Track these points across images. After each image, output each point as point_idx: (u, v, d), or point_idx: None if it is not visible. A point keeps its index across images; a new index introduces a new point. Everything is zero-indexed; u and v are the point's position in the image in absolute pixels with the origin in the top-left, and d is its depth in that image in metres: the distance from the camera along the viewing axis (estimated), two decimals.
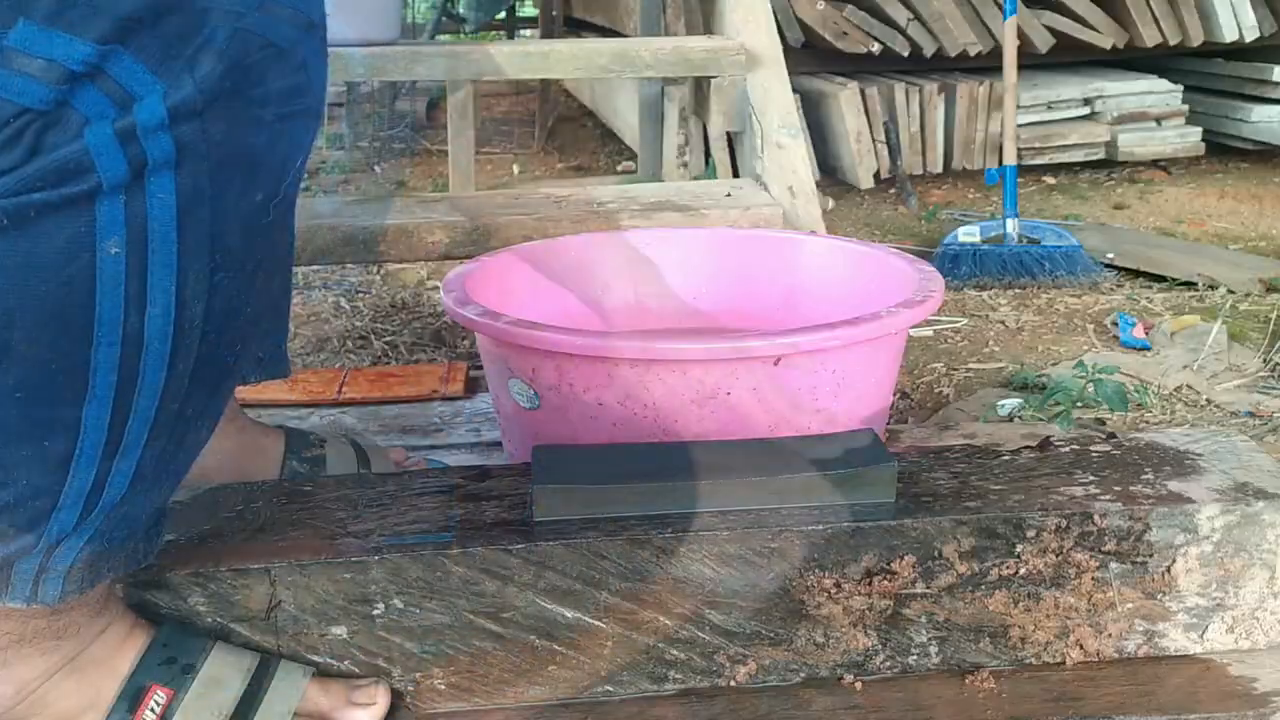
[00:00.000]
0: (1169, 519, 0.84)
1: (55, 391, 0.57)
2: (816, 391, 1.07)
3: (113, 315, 0.55)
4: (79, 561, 0.66)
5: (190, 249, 0.55)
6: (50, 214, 0.51)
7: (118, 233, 0.53)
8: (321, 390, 1.45)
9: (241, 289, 0.61)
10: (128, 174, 0.52)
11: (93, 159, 0.51)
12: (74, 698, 0.73)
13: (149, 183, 0.53)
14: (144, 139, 0.51)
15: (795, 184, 1.76)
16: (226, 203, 0.56)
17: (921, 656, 0.85)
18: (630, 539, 0.81)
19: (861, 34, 3.09)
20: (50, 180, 0.51)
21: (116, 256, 0.53)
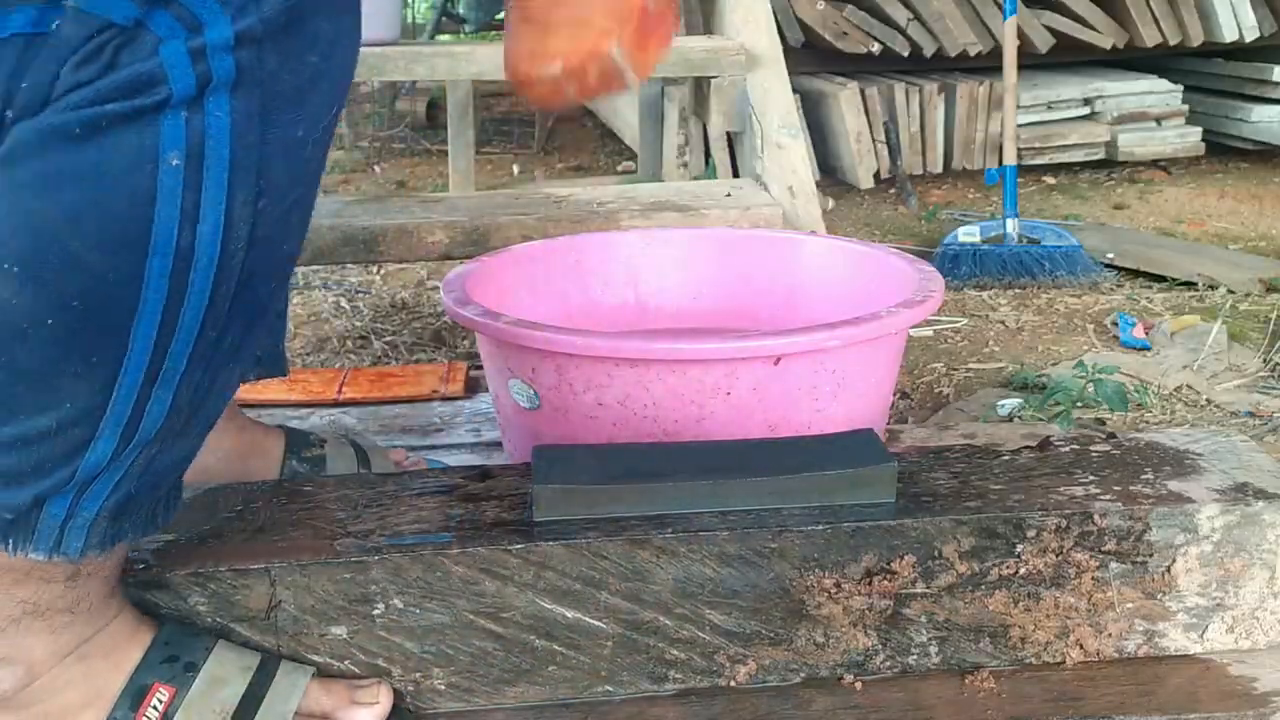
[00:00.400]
0: (1169, 519, 0.84)
1: (110, 302, 0.60)
2: (816, 391, 1.07)
3: (168, 227, 0.58)
4: (104, 510, 0.67)
5: (240, 169, 0.59)
6: (120, 125, 0.55)
7: (178, 146, 0.57)
8: (321, 390, 1.45)
9: (279, 222, 0.64)
10: (194, 89, 0.56)
11: (166, 72, 0.55)
12: (79, 688, 0.73)
13: (208, 102, 0.57)
14: (211, 58, 0.56)
15: (795, 184, 1.76)
16: (273, 132, 0.60)
17: (921, 656, 0.85)
18: (630, 539, 0.81)
19: (861, 34, 3.09)
20: (124, 92, 0.55)
21: (176, 169, 0.57)
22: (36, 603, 0.70)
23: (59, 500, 0.65)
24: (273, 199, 0.62)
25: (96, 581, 0.72)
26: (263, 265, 0.64)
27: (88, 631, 0.73)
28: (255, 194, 0.61)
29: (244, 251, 0.62)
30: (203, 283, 0.61)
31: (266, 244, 0.64)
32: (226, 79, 0.57)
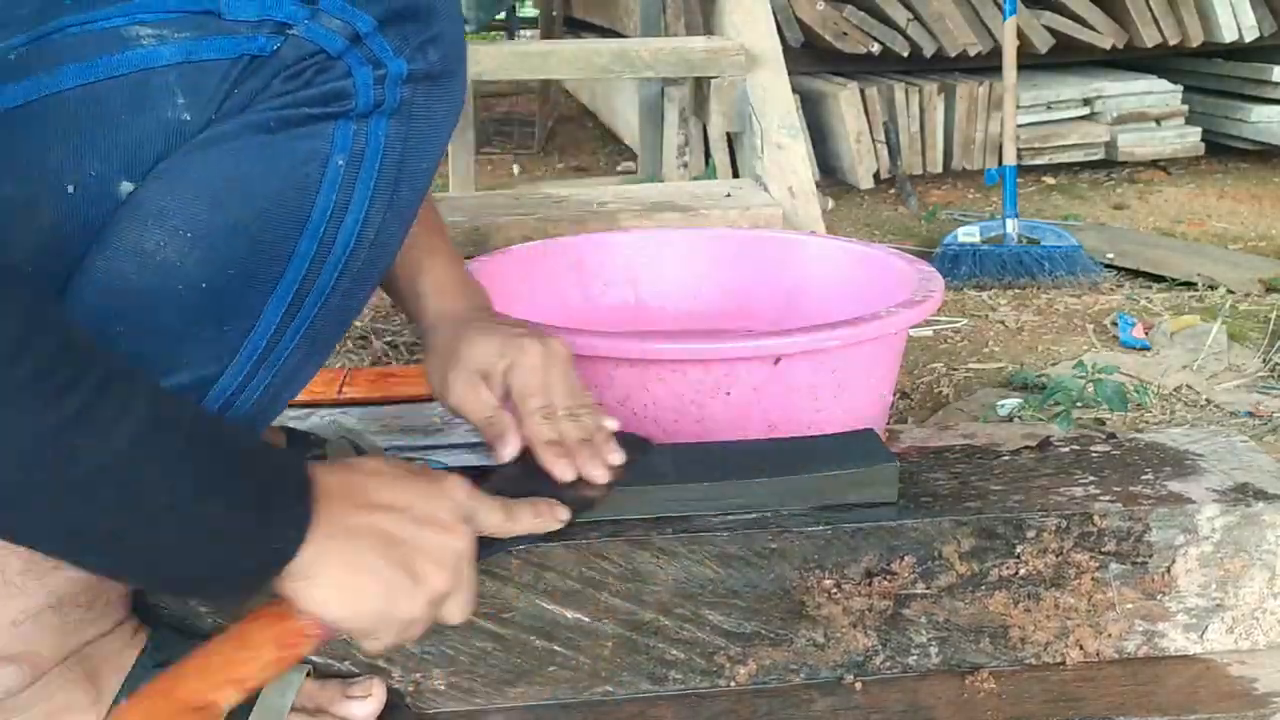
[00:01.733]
0: (1169, 519, 0.84)
1: (259, 272, 0.68)
2: (816, 391, 1.07)
3: (322, 213, 0.68)
4: None
5: (382, 180, 0.70)
6: (307, 124, 0.67)
7: (345, 150, 0.68)
8: (321, 390, 1.45)
9: (391, 237, 0.74)
10: (369, 108, 0.68)
11: (355, 90, 0.68)
12: (80, 690, 0.74)
13: (372, 121, 0.69)
14: (387, 87, 0.69)
15: (795, 184, 1.76)
16: (409, 158, 0.71)
17: (921, 657, 0.85)
18: (630, 540, 0.81)
19: (861, 34, 3.09)
20: (317, 101, 0.67)
21: (339, 168, 0.68)
22: (63, 595, 0.71)
23: None
24: (395, 213, 0.72)
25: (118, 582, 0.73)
26: (368, 271, 0.74)
27: (92, 633, 0.74)
28: (387, 205, 0.71)
29: (366, 251, 0.72)
30: (332, 270, 0.70)
31: (379, 252, 0.73)
32: (392, 106, 0.69)
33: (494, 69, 1.96)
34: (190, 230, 0.65)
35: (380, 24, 0.68)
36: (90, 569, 0.65)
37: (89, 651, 0.74)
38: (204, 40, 0.65)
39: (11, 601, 0.70)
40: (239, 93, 0.66)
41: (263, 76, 0.66)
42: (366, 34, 0.68)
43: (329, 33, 0.67)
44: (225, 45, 0.65)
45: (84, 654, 0.74)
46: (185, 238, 0.65)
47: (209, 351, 0.68)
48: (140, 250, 0.65)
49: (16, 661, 0.71)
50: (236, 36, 0.65)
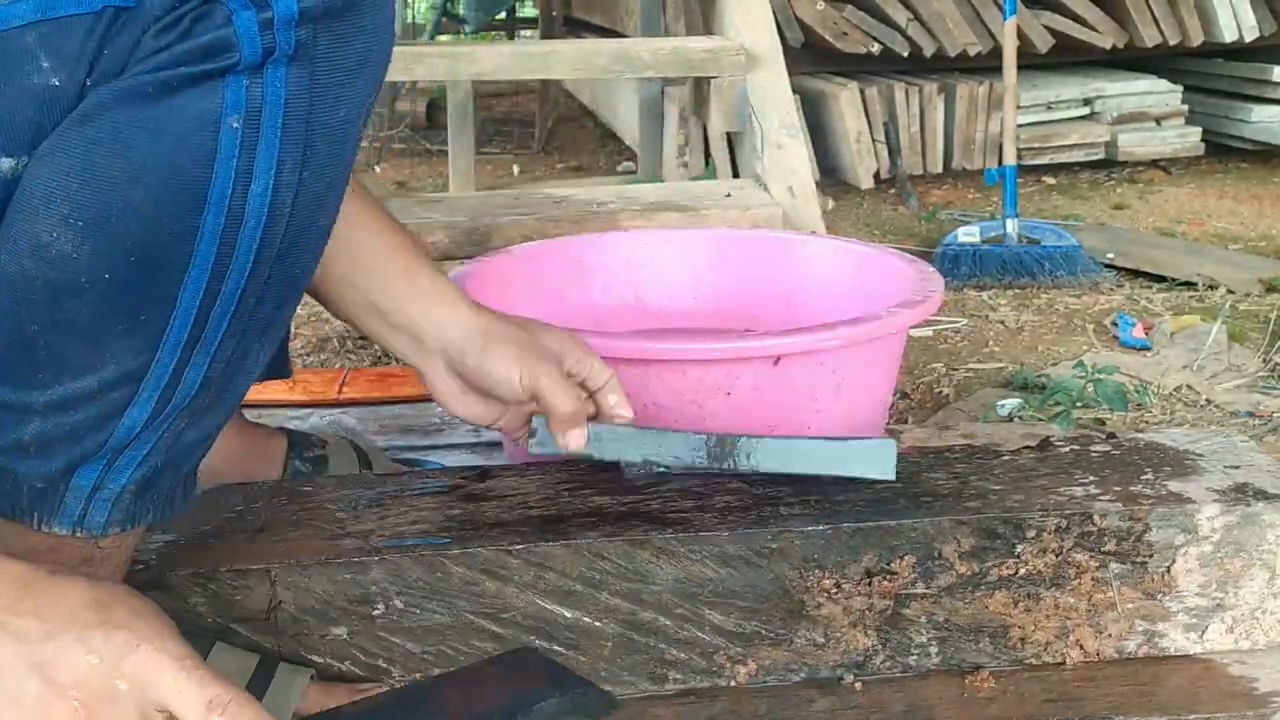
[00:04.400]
0: (1169, 519, 0.84)
1: (164, 256, 0.63)
2: (816, 391, 1.07)
3: (223, 185, 0.62)
4: (130, 484, 0.68)
5: (289, 138, 0.63)
6: (190, 86, 0.60)
7: (239, 110, 0.61)
8: (321, 390, 1.45)
9: (318, 197, 0.67)
10: (260, 58, 0.61)
11: (238, 39, 0.60)
12: None
13: (267, 72, 0.62)
14: (277, 31, 0.61)
15: (795, 184, 1.76)
16: (319, 107, 0.64)
17: (922, 656, 0.85)
18: (630, 539, 0.81)
19: (861, 34, 3.09)
20: (197, 57, 0.60)
21: (235, 131, 0.61)
22: None
23: (88, 470, 0.66)
24: (314, 172, 0.66)
25: (106, 570, 0.72)
26: (300, 238, 0.68)
27: None
28: (300, 164, 0.65)
29: (286, 219, 0.65)
30: (248, 244, 0.64)
31: (305, 216, 0.67)
32: (286, 52, 0.62)
33: (494, 69, 1.96)
34: (80, 218, 0.61)
35: None
36: None
37: None
38: None
39: None
40: (109, 52, 0.61)
41: (132, 31, 0.60)
42: None
43: None
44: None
45: None
46: (76, 226, 0.61)
47: (130, 343, 0.64)
48: (35, 244, 0.61)
49: None
50: None
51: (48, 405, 0.64)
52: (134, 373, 0.65)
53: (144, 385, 0.65)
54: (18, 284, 0.62)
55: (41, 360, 0.64)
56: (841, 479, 0.86)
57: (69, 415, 0.65)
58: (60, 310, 0.62)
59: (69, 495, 0.67)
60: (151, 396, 0.66)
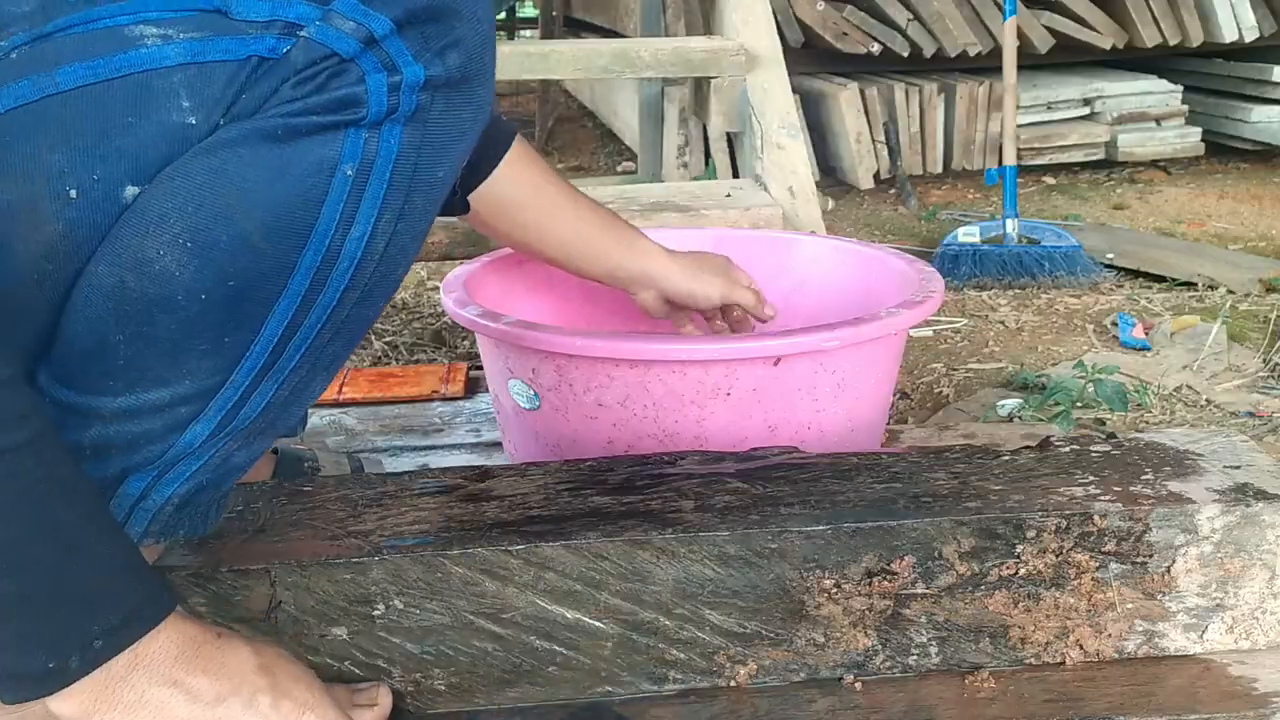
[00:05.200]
0: (1169, 519, 0.84)
1: (260, 285, 0.66)
2: (816, 392, 1.07)
3: (327, 226, 0.66)
4: (174, 497, 0.70)
5: (393, 190, 0.68)
6: (316, 133, 0.65)
7: (355, 160, 0.66)
8: None
9: (404, 248, 0.71)
10: (382, 115, 0.66)
11: (367, 96, 0.65)
12: None
13: (384, 128, 0.66)
14: (403, 93, 0.66)
15: (795, 184, 1.76)
16: (422, 167, 0.69)
17: (922, 657, 0.85)
18: (630, 540, 0.81)
19: (861, 34, 3.09)
20: (329, 108, 0.65)
21: (347, 178, 0.66)
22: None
23: (139, 479, 0.68)
24: (407, 224, 0.70)
25: None
26: (382, 283, 0.72)
27: None
28: (398, 216, 0.69)
29: (375, 264, 0.70)
30: (337, 283, 0.68)
31: (391, 262, 0.71)
32: (406, 113, 0.67)
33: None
34: (190, 239, 0.64)
35: (397, 26, 0.66)
36: None
37: None
38: (210, 41, 0.63)
39: None
40: (247, 97, 0.65)
41: (272, 80, 0.65)
42: (382, 37, 0.65)
43: (341, 35, 0.65)
44: (232, 46, 0.63)
45: None
46: (185, 247, 0.64)
47: (209, 363, 0.67)
48: (140, 258, 0.64)
49: None
50: (244, 37, 0.64)
51: (115, 412, 0.66)
52: (206, 391, 0.68)
53: (211, 404, 0.68)
54: (112, 295, 0.65)
55: (118, 369, 0.66)
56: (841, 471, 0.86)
57: (133, 424, 0.67)
58: (151, 324, 0.65)
59: (114, 502, 0.68)
60: (216, 416, 0.69)
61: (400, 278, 0.74)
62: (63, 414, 0.67)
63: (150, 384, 0.66)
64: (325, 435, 1.35)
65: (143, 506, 0.69)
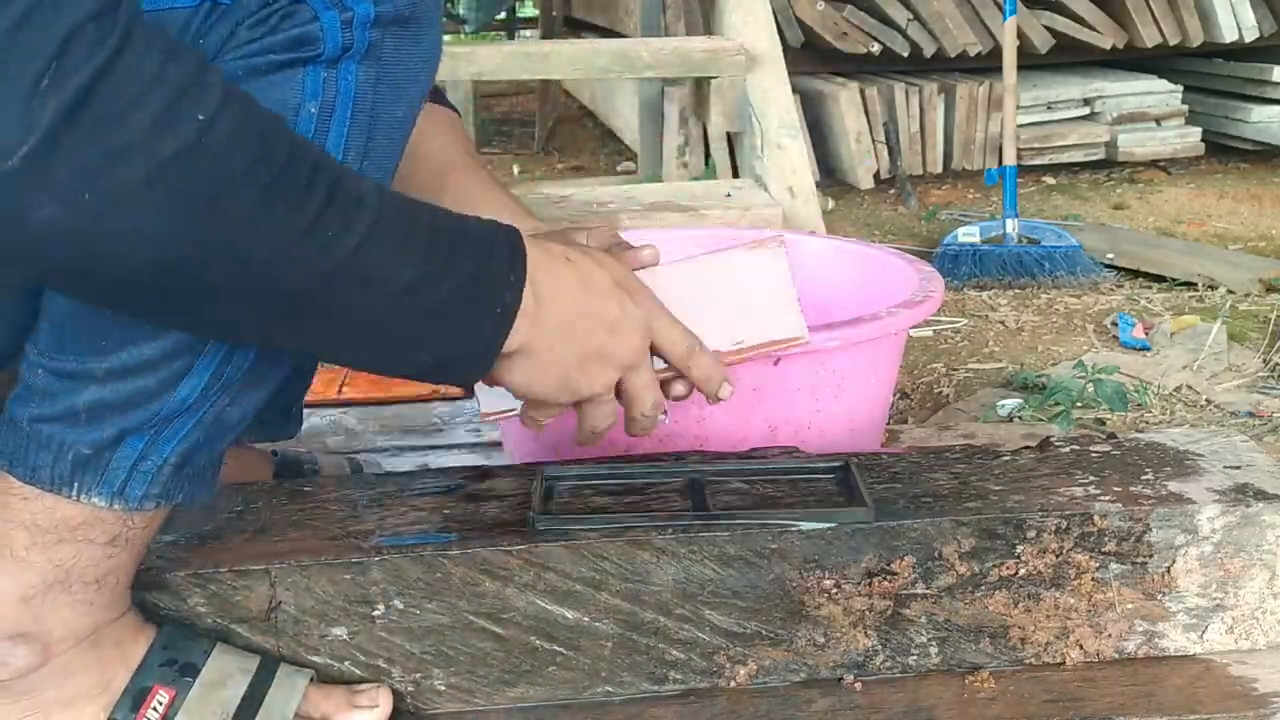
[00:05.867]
0: (1169, 519, 0.84)
1: None
2: (816, 391, 1.07)
3: None
4: (171, 457, 0.70)
5: (355, 128, 0.69)
6: (274, 72, 0.66)
7: (316, 98, 0.67)
8: (322, 390, 1.45)
9: None
10: (338, 52, 0.67)
11: (322, 34, 0.66)
12: (91, 675, 0.73)
13: (341, 66, 0.67)
14: (355, 30, 0.67)
15: (795, 184, 1.76)
16: (380, 105, 0.70)
17: (922, 657, 0.85)
18: (630, 540, 0.81)
19: (861, 34, 3.09)
20: (285, 46, 0.66)
21: (311, 115, 0.67)
22: (70, 569, 0.71)
23: (136, 439, 0.69)
24: (372, 162, 0.71)
25: (128, 555, 0.73)
26: None
27: (104, 617, 0.74)
28: (362, 154, 0.70)
29: None
30: None
31: None
32: (360, 49, 0.67)
33: (494, 69, 1.96)
34: None
35: None
36: (341, 361, 0.70)
37: (99, 638, 0.74)
38: None
39: (20, 576, 0.70)
40: (205, 43, 0.65)
41: (228, 23, 0.65)
42: None
43: None
44: None
45: (95, 639, 0.74)
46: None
47: None
48: None
49: (29, 641, 0.71)
50: None
51: (109, 371, 0.67)
52: (194, 341, 0.68)
53: (201, 357, 0.68)
54: None
55: (109, 327, 0.66)
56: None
57: (126, 383, 0.67)
58: None
59: (113, 464, 0.69)
60: (208, 368, 0.69)
61: None
62: (56, 381, 0.67)
63: (140, 339, 0.66)
64: (325, 435, 1.35)
65: (141, 469, 0.69)
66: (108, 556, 0.71)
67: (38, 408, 0.68)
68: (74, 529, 0.69)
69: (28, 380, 0.69)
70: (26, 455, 0.68)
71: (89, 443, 0.68)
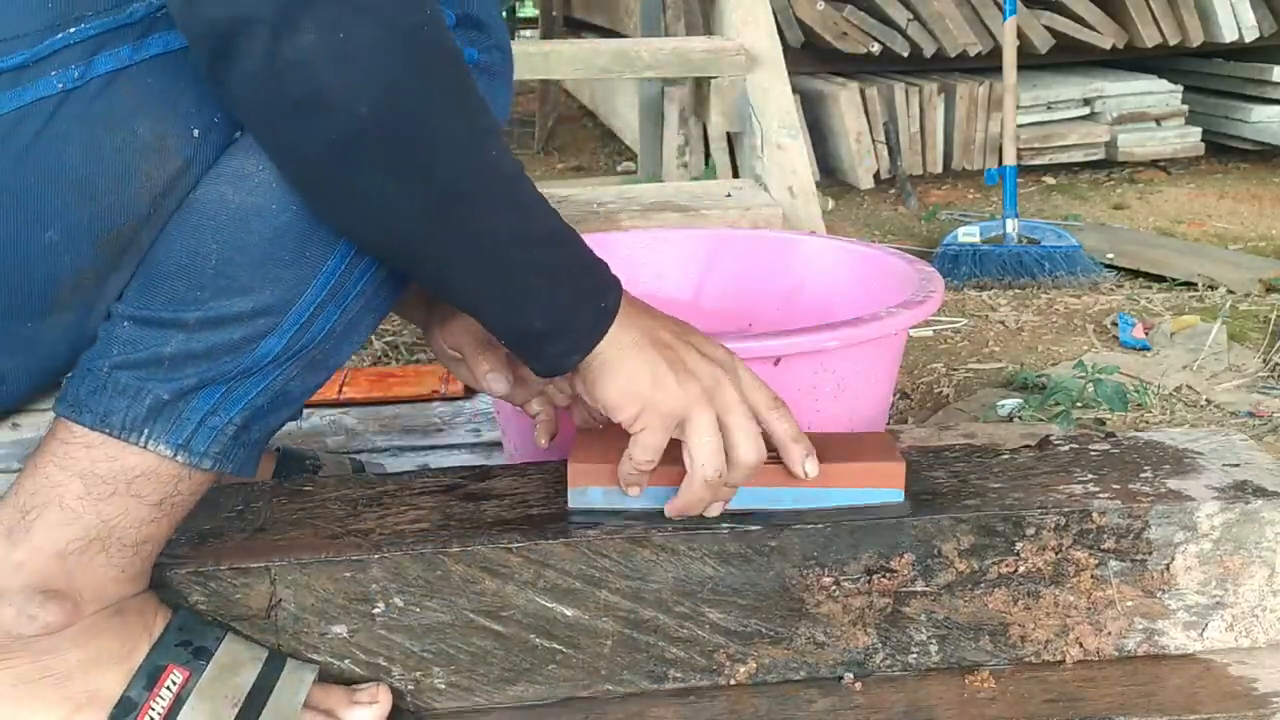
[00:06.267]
0: (1168, 517, 0.84)
1: None
2: (816, 392, 1.07)
3: None
4: (237, 417, 0.73)
5: None
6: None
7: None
8: (322, 390, 1.45)
9: None
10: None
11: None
12: (115, 640, 0.74)
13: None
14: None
15: (795, 184, 1.76)
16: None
17: (921, 655, 0.85)
18: (630, 537, 0.81)
19: (861, 34, 3.09)
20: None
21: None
22: (114, 527, 0.71)
23: (212, 391, 0.72)
24: None
25: (166, 525, 0.74)
26: None
27: (129, 589, 0.75)
28: None
29: None
30: None
31: None
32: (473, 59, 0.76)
33: None
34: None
35: (457, 21, 0.75)
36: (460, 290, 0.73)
37: (122, 607, 0.74)
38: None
39: (65, 529, 0.71)
40: None
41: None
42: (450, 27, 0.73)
43: None
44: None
45: (119, 607, 0.74)
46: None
47: (290, 274, 0.71)
48: (241, 171, 0.70)
49: (60, 598, 0.71)
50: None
51: (199, 321, 0.70)
52: (284, 303, 0.72)
53: (286, 318, 0.72)
54: (209, 207, 0.70)
55: (207, 278, 0.70)
56: None
57: (215, 334, 0.70)
58: (245, 231, 0.70)
59: (186, 414, 0.71)
60: (289, 331, 0.72)
61: None
62: (143, 329, 0.70)
63: (236, 292, 0.70)
64: (325, 435, 1.35)
65: (209, 423, 0.72)
66: (150, 519, 0.73)
67: (120, 355, 0.70)
68: (130, 481, 0.71)
69: (111, 333, 0.71)
70: (99, 401, 0.70)
71: (169, 389, 0.70)
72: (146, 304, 0.71)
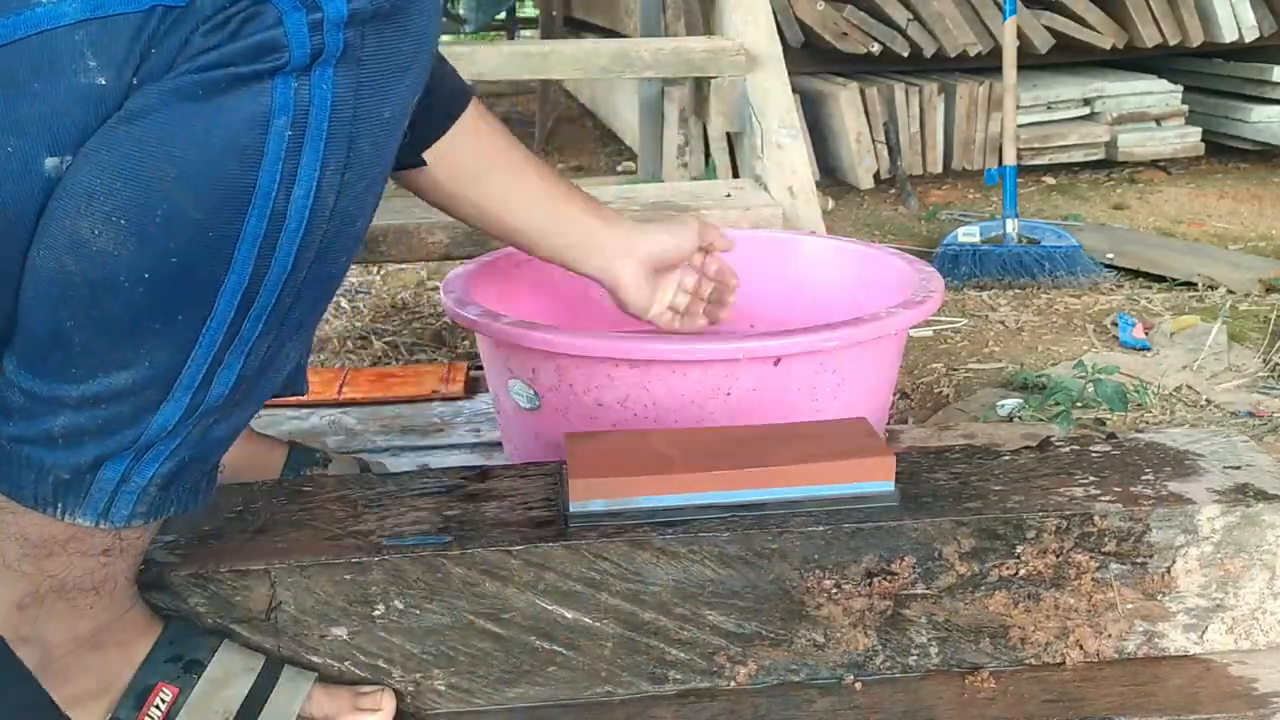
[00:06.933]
0: (1169, 520, 0.84)
1: (205, 259, 0.63)
2: (816, 392, 1.07)
3: (268, 188, 0.62)
4: (156, 478, 0.68)
5: (334, 140, 0.64)
6: (239, 87, 0.60)
7: (288, 112, 0.61)
8: (321, 390, 1.45)
9: (358, 198, 0.68)
10: (308, 58, 0.61)
11: (287, 40, 0.60)
12: (92, 676, 0.73)
13: (314, 73, 0.62)
14: (326, 32, 0.61)
15: (795, 184, 1.76)
16: (363, 110, 0.65)
17: (922, 657, 0.85)
18: (630, 540, 0.81)
19: (861, 34, 3.09)
20: (246, 57, 0.60)
21: (282, 133, 0.61)
22: (64, 579, 0.70)
23: (116, 463, 0.67)
24: (356, 173, 0.66)
25: (125, 562, 0.72)
26: (339, 239, 0.68)
27: (105, 618, 0.73)
28: (343, 166, 0.65)
29: (326, 221, 0.66)
30: (288, 247, 0.64)
31: (345, 217, 0.67)
32: (334, 53, 0.62)
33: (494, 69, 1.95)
34: (123, 216, 0.60)
35: None
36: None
37: (101, 639, 0.73)
38: None
39: (15, 585, 0.69)
40: (157, 51, 0.60)
41: (181, 31, 0.60)
42: None
43: None
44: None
45: (97, 640, 0.73)
46: (119, 224, 0.60)
47: (165, 343, 0.64)
48: (75, 239, 0.61)
49: (27, 645, 0.71)
50: None
51: (80, 399, 0.65)
52: (168, 372, 0.65)
53: (177, 384, 0.66)
54: (55, 280, 0.62)
55: (76, 355, 0.64)
56: None
57: (101, 410, 0.65)
58: (98, 307, 0.62)
59: (95, 487, 0.67)
60: (185, 396, 0.66)
61: (361, 230, 0.70)
62: (31, 402, 0.65)
63: (111, 368, 0.64)
64: (325, 435, 1.35)
65: (125, 490, 0.68)
66: (102, 565, 0.71)
67: (15, 428, 0.66)
68: (63, 544, 0.69)
69: (6, 398, 0.66)
70: (10, 473, 0.66)
71: (67, 467, 0.66)
72: (31, 371, 0.65)
